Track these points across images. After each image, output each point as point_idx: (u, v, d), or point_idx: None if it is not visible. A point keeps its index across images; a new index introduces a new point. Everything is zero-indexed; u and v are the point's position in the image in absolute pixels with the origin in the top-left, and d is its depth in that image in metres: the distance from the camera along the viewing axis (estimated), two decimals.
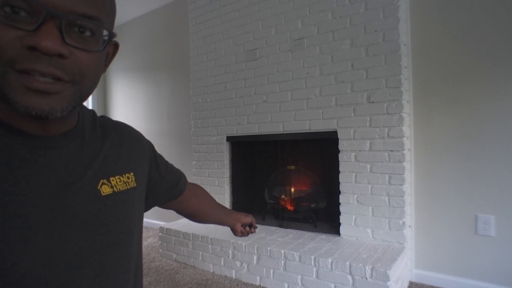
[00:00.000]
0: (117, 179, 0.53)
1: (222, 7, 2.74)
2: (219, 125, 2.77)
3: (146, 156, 0.64)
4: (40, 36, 0.35)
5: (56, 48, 0.36)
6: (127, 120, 3.86)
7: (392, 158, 1.95)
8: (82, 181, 0.47)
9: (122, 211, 0.53)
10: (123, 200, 0.54)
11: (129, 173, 0.57)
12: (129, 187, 0.56)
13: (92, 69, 0.42)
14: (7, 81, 0.36)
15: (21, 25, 0.35)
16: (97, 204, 0.48)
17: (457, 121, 1.94)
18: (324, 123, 2.20)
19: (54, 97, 0.39)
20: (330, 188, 2.31)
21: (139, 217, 0.60)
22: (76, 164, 0.47)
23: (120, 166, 0.55)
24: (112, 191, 0.51)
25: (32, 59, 0.36)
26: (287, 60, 2.37)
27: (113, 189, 0.52)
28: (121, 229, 0.52)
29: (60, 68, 0.38)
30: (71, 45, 0.38)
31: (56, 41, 0.36)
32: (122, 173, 0.55)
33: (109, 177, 0.52)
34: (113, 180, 0.52)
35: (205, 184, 2.89)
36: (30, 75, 0.36)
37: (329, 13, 2.17)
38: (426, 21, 2.01)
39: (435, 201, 2.01)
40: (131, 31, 3.84)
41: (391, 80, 1.95)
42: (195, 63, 2.94)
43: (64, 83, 0.39)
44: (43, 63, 0.36)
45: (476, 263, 1.88)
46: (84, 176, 0.48)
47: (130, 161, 0.58)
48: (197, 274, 2.26)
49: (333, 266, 1.78)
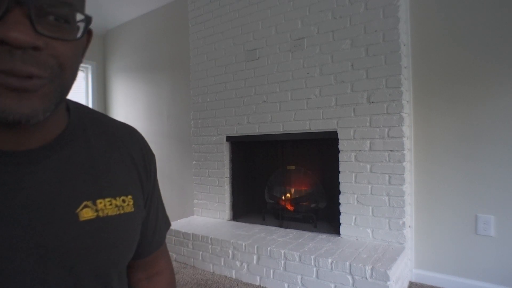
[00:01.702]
0: (106, 202, 0.45)
1: (222, 7, 2.74)
2: (219, 125, 2.77)
3: (151, 172, 0.55)
4: (7, 27, 0.29)
5: (28, 39, 0.30)
6: (127, 120, 3.86)
7: (392, 158, 1.95)
8: (55, 203, 0.39)
9: (106, 239, 0.44)
10: (111, 227, 0.45)
11: (126, 196, 0.48)
12: (123, 211, 0.46)
13: (72, 60, 0.36)
14: None
15: None
16: (71, 231, 0.40)
17: (457, 121, 1.94)
18: (324, 123, 2.20)
19: (34, 96, 0.33)
20: (330, 188, 2.31)
21: (129, 252, 0.49)
22: (53, 182, 0.40)
23: (116, 187, 0.47)
24: (96, 216, 0.43)
25: (2, 56, 0.30)
26: (287, 60, 2.37)
27: (98, 214, 0.43)
28: (100, 262, 0.43)
29: (36, 63, 0.32)
30: (45, 35, 0.32)
31: (27, 31, 0.30)
32: (116, 195, 0.46)
33: (96, 199, 0.44)
34: (100, 203, 0.44)
35: (205, 184, 2.89)
36: (4, 78, 0.31)
37: (329, 13, 2.17)
38: (426, 21, 2.01)
39: (435, 201, 2.01)
40: (131, 31, 3.84)
41: (391, 80, 1.95)
42: (195, 63, 2.94)
43: (42, 79, 0.33)
44: (17, 60, 0.30)
45: (476, 263, 1.88)
46: (59, 196, 0.40)
47: (131, 180, 0.49)
48: (197, 274, 2.27)
49: (333, 266, 1.78)
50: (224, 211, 2.77)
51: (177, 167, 3.39)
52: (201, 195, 2.92)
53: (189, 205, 3.20)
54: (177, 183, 3.39)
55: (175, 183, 3.41)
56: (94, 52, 4.12)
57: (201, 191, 2.92)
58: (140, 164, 0.52)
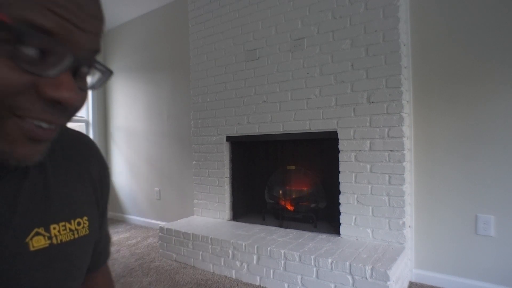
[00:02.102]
0: (60, 227, 0.41)
1: (222, 7, 2.74)
2: (219, 125, 2.77)
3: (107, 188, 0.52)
4: (61, 86, 0.30)
5: (75, 98, 0.31)
6: (127, 120, 3.86)
7: (392, 158, 1.95)
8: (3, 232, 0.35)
9: (60, 269, 0.40)
10: (65, 254, 0.41)
11: (81, 217, 0.44)
12: (77, 236, 0.43)
13: (83, 106, 0.35)
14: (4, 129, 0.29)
15: (34, 68, 0.28)
16: (21, 263, 0.36)
17: (457, 121, 1.94)
18: (324, 123, 2.20)
19: (44, 144, 0.33)
20: (330, 188, 2.31)
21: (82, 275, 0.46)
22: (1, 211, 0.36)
23: (71, 208, 0.43)
24: (49, 244, 0.39)
25: (46, 109, 0.30)
26: (287, 60, 2.37)
27: (51, 241, 0.39)
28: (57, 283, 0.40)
29: (62, 115, 0.32)
30: (83, 90, 0.33)
31: (75, 90, 0.31)
32: (71, 217, 0.42)
33: (49, 224, 0.39)
34: (54, 228, 0.40)
35: (205, 184, 2.89)
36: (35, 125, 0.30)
37: (329, 13, 2.17)
38: (426, 21, 2.01)
39: (435, 201, 2.01)
40: (131, 31, 3.84)
41: (391, 80, 1.95)
42: (195, 63, 2.94)
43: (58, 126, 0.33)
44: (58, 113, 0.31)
45: (476, 263, 1.88)
46: (7, 225, 0.36)
47: (86, 200, 0.46)
48: (197, 274, 2.27)
49: (333, 266, 1.78)
50: (224, 211, 2.77)
51: (177, 167, 3.39)
52: (201, 195, 2.92)
53: (189, 205, 3.20)
54: (177, 183, 3.39)
55: (175, 183, 3.41)
56: None
57: (201, 191, 2.92)
58: (97, 180, 0.49)
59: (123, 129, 3.93)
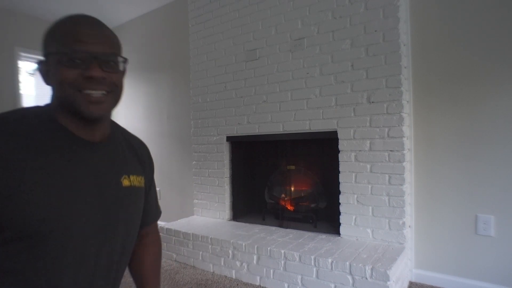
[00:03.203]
0: (134, 177, 0.76)
1: (222, 7, 2.74)
2: (219, 125, 2.77)
3: (151, 170, 0.88)
4: (91, 71, 0.61)
5: (101, 75, 0.62)
6: (127, 120, 3.86)
7: (392, 158, 1.95)
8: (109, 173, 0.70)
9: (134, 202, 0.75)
10: (137, 193, 0.76)
11: (141, 176, 0.79)
12: (139, 185, 0.78)
13: (120, 81, 0.69)
14: (77, 100, 0.62)
15: (78, 67, 0.61)
16: (118, 191, 0.71)
17: (457, 121, 1.94)
18: (324, 123, 2.20)
19: (103, 105, 0.65)
20: (330, 188, 2.31)
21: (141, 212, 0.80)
22: (106, 162, 0.70)
23: (137, 170, 0.78)
24: (130, 185, 0.74)
25: (89, 83, 0.62)
26: (287, 60, 2.37)
27: (131, 183, 0.74)
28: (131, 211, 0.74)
29: (104, 84, 0.64)
30: (107, 71, 0.64)
31: (100, 71, 0.62)
32: (136, 174, 0.77)
33: (130, 174, 0.75)
34: (131, 177, 0.75)
35: (205, 184, 2.89)
36: (89, 94, 0.62)
37: (329, 13, 2.17)
38: (426, 21, 2.01)
39: (435, 201, 2.01)
40: (131, 31, 3.84)
41: (391, 80, 1.95)
42: (195, 63, 2.94)
43: (106, 95, 0.65)
44: (97, 84, 0.63)
45: (476, 263, 1.88)
46: (110, 170, 0.70)
47: (143, 169, 0.82)
48: (197, 274, 2.26)
49: (333, 266, 1.78)
50: (224, 211, 2.76)
51: (177, 167, 3.39)
52: (201, 195, 2.92)
53: (189, 205, 3.20)
54: (177, 183, 3.39)
55: (175, 183, 3.41)
56: None
57: (201, 191, 2.92)
58: (146, 164, 0.85)
59: None
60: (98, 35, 0.64)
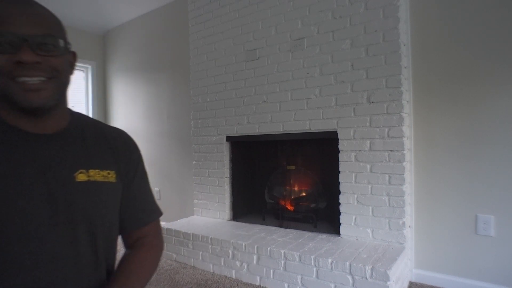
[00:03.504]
0: (95, 171, 0.67)
1: (222, 7, 2.74)
2: (219, 125, 2.77)
3: (132, 162, 0.77)
4: (20, 55, 0.54)
5: (33, 59, 0.55)
6: (127, 120, 3.86)
7: (392, 158, 1.95)
8: (60, 168, 0.62)
9: (95, 197, 0.65)
10: (99, 188, 0.66)
11: (109, 170, 0.70)
12: (108, 180, 0.69)
13: (62, 67, 0.61)
14: (11, 89, 0.56)
15: (6, 51, 0.54)
16: (70, 187, 0.62)
17: (457, 121, 1.94)
18: (324, 123, 2.20)
19: (43, 92, 0.58)
20: (330, 188, 2.31)
21: (112, 210, 0.70)
22: (59, 155, 0.63)
23: (103, 164, 0.69)
24: (88, 179, 0.65)
25: (21, 69, 0.55)
26: (287, 60, 2.37)
27: (89, 178, 0.65)
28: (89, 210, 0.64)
29: (39, 69, 0.57)
30: (42, 55, 0.57)
31: (32, 55, 0.55)
32: (102, 168, 0.68)
33: (89, 168, 0.66)
34: (91, 171, 0.66)
35: (205, 184, 2.89)
36: (24, 82, 0.55)
37: (329, 13, 2.17)
38: (426, 21, 2.01)
39: (435, 201, 2.01)
40: (131, 31, 3.84)
41: (391, 80, 1.95)
42: (195, 63, 2.94)
43: (46, 81, 0.58)
44: (32, 70, 0.56)
45: (476, 263, 1.88)
46: (63, 164, 0.63)
47: (116, 162, 0.72)
48: (197, 274, 2.27)
49: (333, 266, 1.78)
50: (224, 211, 2.77)
51: (177, 167, 3.39)
52: (201, 195, 2.92)
53: (189, 205, 3.20)
54: (177, 183, 3.39)
55: (175, 183, 3.41)
56: (94, 52, 4.12)
57: (201, 191, 2.92)
58: (121, 157, 0.74)
59: (123, 129, 3.93)
60: (30, 15, 0.56)
